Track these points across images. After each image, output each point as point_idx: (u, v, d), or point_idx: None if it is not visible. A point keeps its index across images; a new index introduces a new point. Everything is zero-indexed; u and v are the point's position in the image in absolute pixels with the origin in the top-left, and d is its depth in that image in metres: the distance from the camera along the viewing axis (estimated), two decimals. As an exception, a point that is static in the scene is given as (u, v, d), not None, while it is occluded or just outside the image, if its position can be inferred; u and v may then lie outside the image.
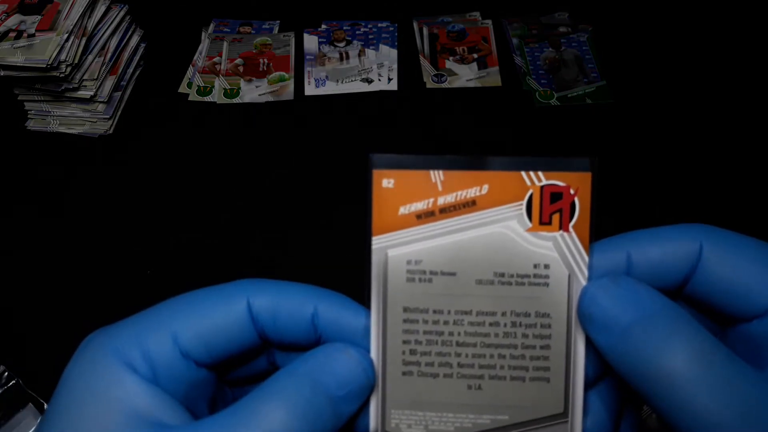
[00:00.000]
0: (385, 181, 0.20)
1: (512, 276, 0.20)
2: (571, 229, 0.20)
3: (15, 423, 0.43)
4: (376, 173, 0.20)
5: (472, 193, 0.20)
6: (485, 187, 0.20)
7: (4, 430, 0.42)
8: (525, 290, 0.20)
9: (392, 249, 0.20)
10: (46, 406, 0.44)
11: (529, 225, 0.20)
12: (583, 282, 0.20)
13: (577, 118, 0.63)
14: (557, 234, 0.20)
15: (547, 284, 0.20)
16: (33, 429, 0.43)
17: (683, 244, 0.20)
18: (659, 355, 0.17)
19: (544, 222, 0.20)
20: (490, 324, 0.20)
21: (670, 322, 0.18)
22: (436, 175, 0.20)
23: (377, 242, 0.20)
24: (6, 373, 0.45)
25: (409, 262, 0.20)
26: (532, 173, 0.20)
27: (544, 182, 0.20)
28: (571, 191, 0.20)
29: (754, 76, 0.66)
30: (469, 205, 0.20)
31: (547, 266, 0.20)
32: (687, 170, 0.58)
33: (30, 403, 0.44)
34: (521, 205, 0.20)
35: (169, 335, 0.20)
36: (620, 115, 0.63)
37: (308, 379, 0.19)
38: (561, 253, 0.20)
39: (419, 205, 0.20)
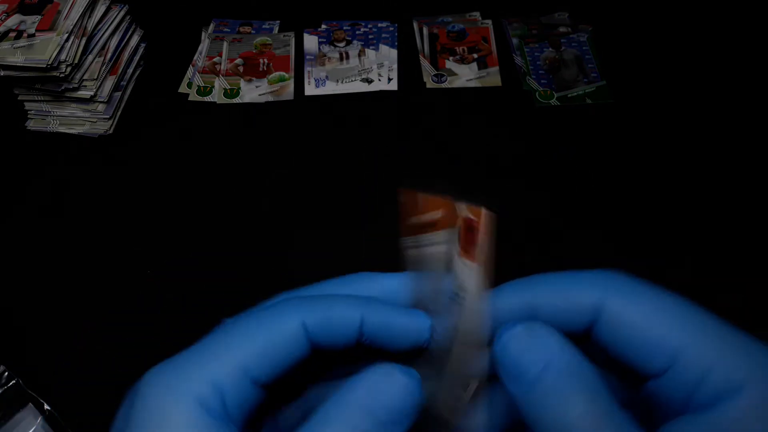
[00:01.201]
0: (402, 197, 0.24)
1: (449, 292, 0.22)
2: (478, 261, 0.21)
3: (15, 423, 0.43)
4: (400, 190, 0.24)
5: (433, 215, 0.22)
6: (439, 212, 0.22)
7: (4, 430, 0.42)
8: (454, 307, 0.22)
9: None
10: (46, 406, 0.44)
11: (459, 251, 0.21)
12: (482, 314, 0.21)
13: (577, 118, 0.63)
14: (474, 264, 0.21)
15: (463, 307, 0.21)
16: (33, 429, 0.43)
17: (586, 294, 0.20)
18: (557, 412, 0.18)
19: (466, 251, 0.21)
20: None
21: (572, 380, 0.19)
22: (420, 197, 0.23)
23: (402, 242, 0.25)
24: (6, 373, 0.45)
25: None
26: (463, 203, 0.21)
27: (465, 214, 0.21)
28: (479, 226, 0.20)
29: (754, 75, 0.66)
30: (431, 226, 0.22)
31: (463, 293, 0.21)
32: (687, 170, 0.58)
33: (30, 403, 0.43)
34: (455, 231, 0.21)
35: (236, 363, 0.20)
36: (620, 115, 0.63)
37: (358, 408, 0.19)
38: (475, 284, 0.21)
39: (414, 219, 0.23)
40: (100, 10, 0.62)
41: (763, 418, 0.17)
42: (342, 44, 0.71)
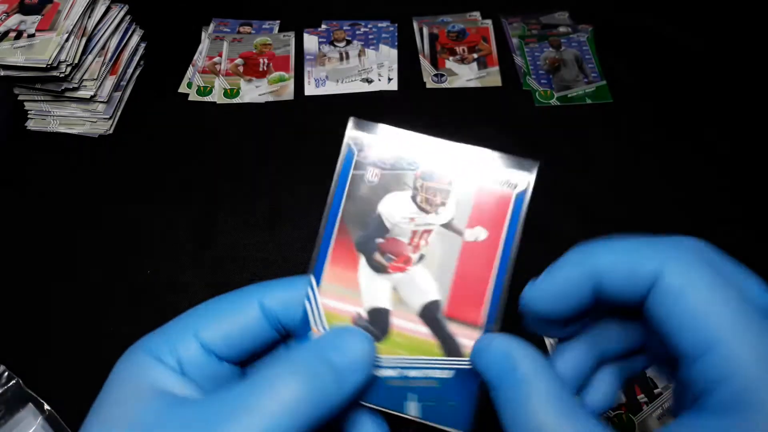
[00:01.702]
0: None
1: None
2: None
3: (15, 423, 0.43)
4: None
5: None
6: None
7: (4, 430, 0.42)
8: None
9: None
10: (46, 406, 0.44)
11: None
12: None
13: (577, 118, 0.63)
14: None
15: None
16: (33, 429, 0.43)
17: (647, 264, 0.20)
18: (513, 411, 0.20)
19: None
20: None
21: (525, 385, 0.20)
22: None
23: None
24: (6, 373, 0.45)
25: None
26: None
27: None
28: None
29: (754, 75, 0.66)
30: None
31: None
32: (686, 170, 0.58)
33: (30, 403, 0.44)
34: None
35: (192, 334, 0.23)
36: (620, 115, 0.63)
37: (314, 352, 0.21)
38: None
39: None
40: (100, 10, 0.62)
41: None
42: (342, 44, 0.71)
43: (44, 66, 0.56)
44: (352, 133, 0.26)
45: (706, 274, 0.19)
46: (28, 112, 0.63)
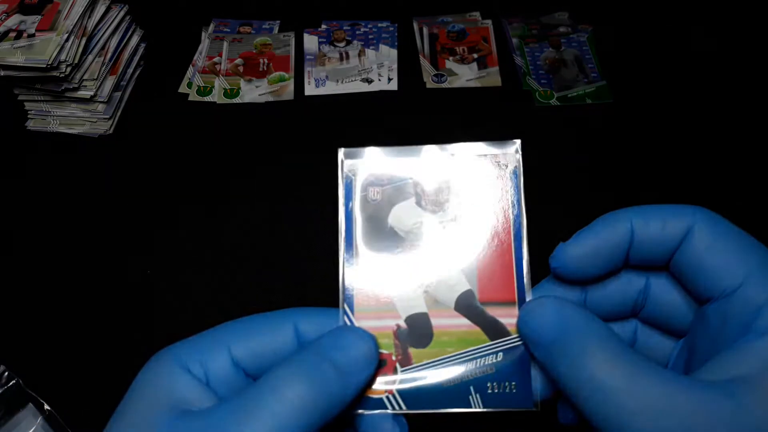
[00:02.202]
0: None
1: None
2: None
3: (15, 423, 0.43)
4: None
5: None
6: None
7: (4, 430, 0.42)
8: None
9: None
10: (46, 406, 0.44)
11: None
12: None
13: (577, 118, 0.63)
14: None
15: None
16: (33, 429, 0.43)
17: (678, 223, 0.23)
18: (573, 368, 0.20)
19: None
20: None
21: (582, 338, 0.21)
22: None
23: None
24: (6, 373, 0.45)
25: None
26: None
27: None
28: None
29: (754, 75, 0.66)
30: None
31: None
32: (686, 169, 0.58)
33: (30, 403, 0.44)
34: None
35: (225, 348, 0.23)
36: (620, 115, 0.63)
37: (316, 352, 0.22)
38: None
39: None
40: (100, 10, 0.62)
41: None
42: (342, 44, 0.71)
43: (44, 66, 0.56)
44: (345, 162, 0.27)
45: (731, 227, 0.22)
46: (28, 112, 0.63)
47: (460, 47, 0.70)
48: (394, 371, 0.25)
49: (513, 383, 0.24)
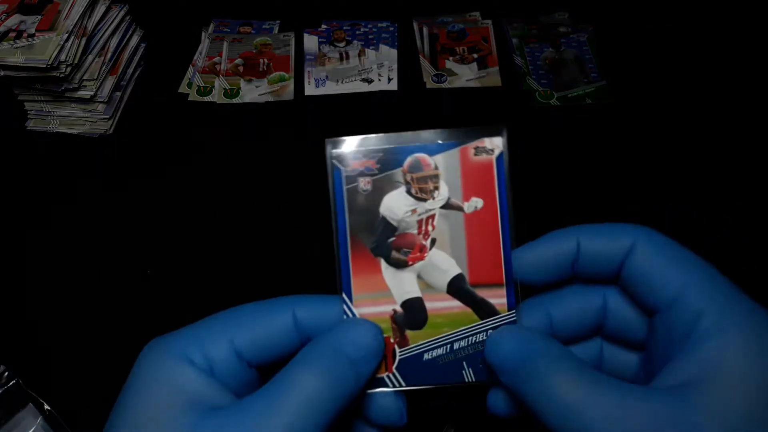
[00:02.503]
0: None
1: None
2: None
3: (15, 423, 0.43)
4: None
5: None
6: None
7: (4, 430, 0.42)
8: None
9: None
10: (46, 406, 0.44)
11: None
12: None
13: (577, 118, 0.63)
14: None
15: None
16: (33, 429, 0.43)
17: (620, 240, 0.25)
18: (538, 389, 0.22)
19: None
20: None
21: (544, 362, 0.22)
22: None
23: None
24: (6, 373, 0.45)
25: None
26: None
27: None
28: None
29: (754, 75, 0.66)
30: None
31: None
32: (686, 170, 0.58)
33: (30, 403, 0.44)
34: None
35: (226, 338, 0.23)
36: (620, 115, 0.63)
37: (331, 348, 0.23)
38: None
39: None
40: (100, 10, 0.62)
41: (741, 356, 0.20)
42: (342, 44, 0.71)
43: (44, 66, 0.56)
44: (332, 153, 0.27)
45: (670, 242, 0.24)
46: (28, 112, 0.63)
47: (460, 47, 0.70)
48: (393, 353, 0.27)
49: None
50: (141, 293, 0.51)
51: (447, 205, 0.27)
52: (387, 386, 0.26)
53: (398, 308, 0.27)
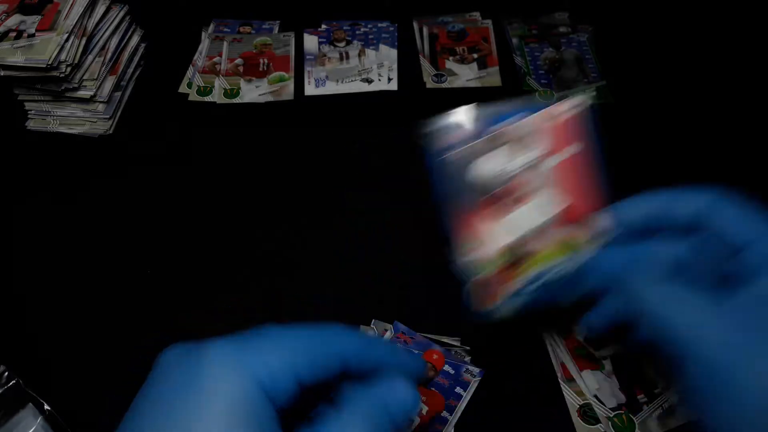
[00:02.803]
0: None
1: None
2: None
3: (15, 423, 0.43)
4: None
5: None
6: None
7: (4, 430, 0.42)
8: None
9: None
10: (46, 406, 0.44)
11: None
12: None
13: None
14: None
15: None
16: (33, 429, 0.43)
17: (699, 199, 0.33)
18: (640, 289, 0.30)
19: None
20: None
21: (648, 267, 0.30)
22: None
23: None
24: (6, 373, 0.45)
25: None
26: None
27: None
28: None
29: (755, 75, 0.66)
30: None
31: None
32: (687, 169, 0.58)
33: (30, 403, 0.44)
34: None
35: (290, 363, 0.23)
36: (620, 115, 0.63)
37: (378, 401, 0.25)
38: None
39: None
40: (100, 10, 0.62)
41: None
42: (342, 44, 0.71)
43: (44, 66, 0.56)
44: (429, 133, 0.32)
45: (744, 203, 0.32)
46: (28, 112, 0.63)
47: (460, 47, 0.70)
48: (498, 287, 0.31)
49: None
50: (141, 293, 0.51)
51: (539, 157, 0.31)
52: (495, 314, 0.31)
53: (508, 246, 0.31)
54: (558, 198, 0.31)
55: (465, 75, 0.67)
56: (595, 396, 0.43)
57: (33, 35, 0.57)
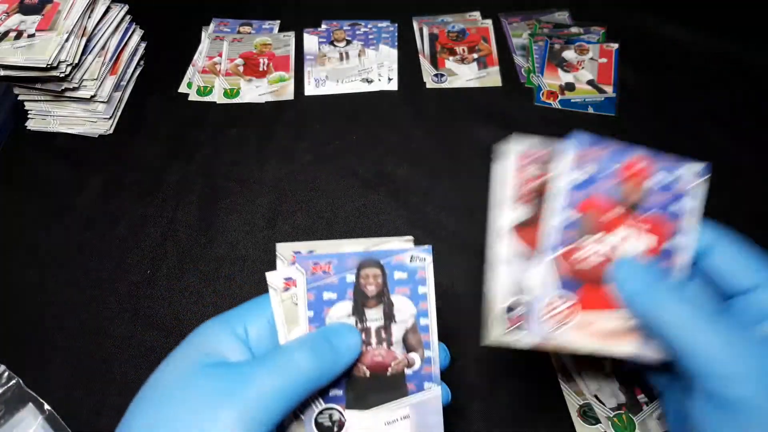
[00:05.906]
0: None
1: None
2: None
3: (15, 423, 0.43)
4: None
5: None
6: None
7: (4, 430, 0.42)
8: None
9: None
10: (46, 406, 0.44)
11: None
12: None
13: (578, 118, 0.63)
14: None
15: None
16: (33, 429, 0.43)
17: (703, 237, 0.32)
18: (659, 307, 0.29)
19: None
20: None
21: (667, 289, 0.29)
22: None
23: None
24: (6, 373, 0.45)
25: None
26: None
27: None
28: None
29: (760, 77, 0.66)
30: None
31: None
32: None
33: (30, 403, 0.44)
34: None
35: (264, 315, 0.30)
36: (622, 115, 0.63)
37: (322, 336, 0.29)
38: None
39: None
40: (100, 10, 0.62)
41: None
42: (342, 44, 0.71)
43: (44, 66, 0.56)
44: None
45: (744, 242, 0.31)
46: (28, 112, 0.63)
47: (460, 47, 0.70)
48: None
49: None
50: (141, 293, 0.51)
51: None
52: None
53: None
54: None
55: (465, 75, 0.67)
56: (595, 396, 0.43)
57: (33, 35, 0.57)
